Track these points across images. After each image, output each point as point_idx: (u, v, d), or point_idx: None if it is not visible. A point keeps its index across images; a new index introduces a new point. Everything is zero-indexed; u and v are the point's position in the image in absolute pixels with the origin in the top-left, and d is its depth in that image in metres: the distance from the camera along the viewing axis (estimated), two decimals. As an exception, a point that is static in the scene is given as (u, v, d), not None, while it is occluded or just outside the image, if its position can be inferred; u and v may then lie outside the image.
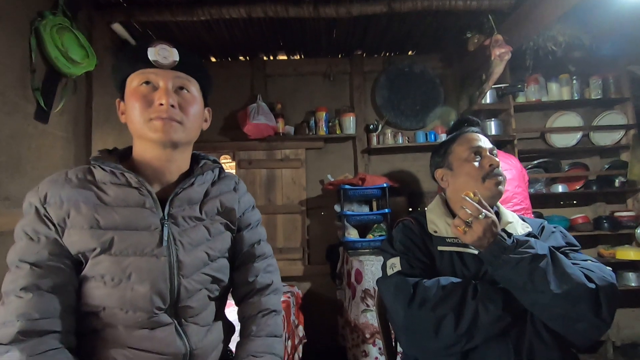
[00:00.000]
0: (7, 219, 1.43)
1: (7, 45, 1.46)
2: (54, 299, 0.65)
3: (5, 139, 1.44)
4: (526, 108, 2.73)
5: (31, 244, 0.67)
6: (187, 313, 0.74)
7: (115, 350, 0.68)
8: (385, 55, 2.94)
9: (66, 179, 0.71)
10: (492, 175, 0.94)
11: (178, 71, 0.74)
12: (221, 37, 2.49)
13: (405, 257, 0.94)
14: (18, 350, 0.60)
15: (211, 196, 0.82)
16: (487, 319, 0.79)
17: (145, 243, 0.70)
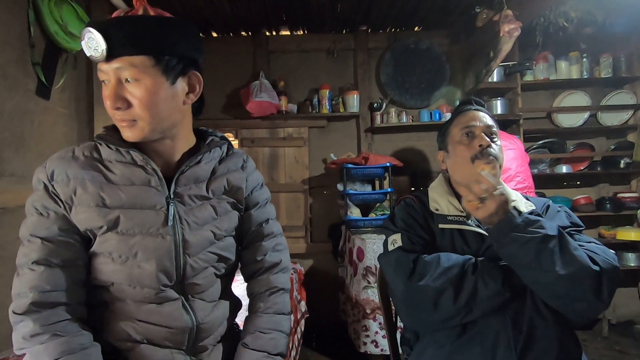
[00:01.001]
0: (13, 195, 1.45)
1: (5, 19, 1.43)
2: (64, 273, 0.67)
3: (7, 114, 1.43)
4: (534, 87, 2.68)
5: (41, 219, 0.68)
6: (193, 289, 0.75)
7: (125, 323, 0.71)
8: (390, 31, 2.86)
9: (73, 156, 0.71)
10: (481, 156, 0.93)
11: (118, 57, 0.64)
12: (222, 11, 2.43)
13: (406, 234, 0.95)
14: (31, 320, 0.63)
15: (218, 174, 0.81)
16: (485, 293, 0.80)
17: (150, 222, 0.70)
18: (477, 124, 0.97)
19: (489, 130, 0.97)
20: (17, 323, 0.64)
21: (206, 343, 0.78)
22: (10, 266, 1.39)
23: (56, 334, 0.63)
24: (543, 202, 1.00)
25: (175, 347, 0.74)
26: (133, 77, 0.65)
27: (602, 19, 2.25)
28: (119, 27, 0.63)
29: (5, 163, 1.42)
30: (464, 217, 0.95)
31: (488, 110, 1.05)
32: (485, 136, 0.95)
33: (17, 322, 0.64)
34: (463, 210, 0.95)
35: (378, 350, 1.97)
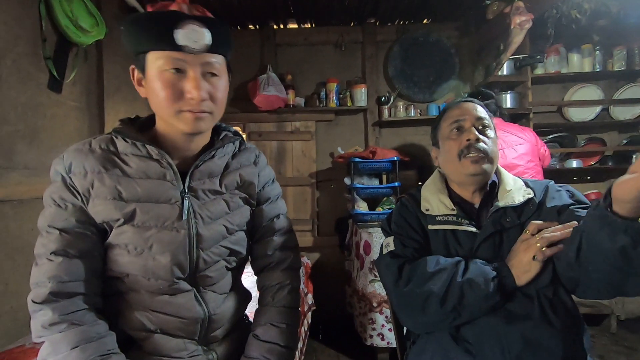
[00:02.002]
0: (27, 187, 1.48)
1: (17, 13, 1.45)
2: (81, 264, 0.68)
3: (21, 108, 1.46)
4: (544, 80, 2.64)
5: (59, 210, 0.69)
6: (205, 282, 0.77)
7: (139, 313, 0.72)
8: (399, 24, 2.83)
9: (90, 148, 0.72)
10: (468, 152, 0.89)
11: (207, 53, 0.68)
12: (230, 4, 2.42)
13: (399, 237, 0.94)
14: (50, 309, 0.64)
15: (231, 169, 0.82)
16: (473, 297, 0.79)
17: (166, 216, 0.71)
18: (466, 116, 0.93)
19: (480, 123, 0.93)
20: (36, 312, 0.65)
21: (217, 334, 0.80)
22: (25, 256, 1.44)
23: (74, 323, 0.65)
24: (544, 184, 0.95)
25: (188, 337, 0.75)
26: (217, 71, 0.70)
27: (616, 11, 2.19)
28: (214, 28, 0.67)
29: (19, 156, 1.45)
30: (454, 215, 0.92)
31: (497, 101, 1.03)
32: (475, 130, 0.91)
33: (36, 310, 0.65)
34: (454, 208, 0.93)
35: (384, 343, 1.99)
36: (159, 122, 0.76)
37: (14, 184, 1.40)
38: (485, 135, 0.92)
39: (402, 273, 0.86)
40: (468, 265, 0.83)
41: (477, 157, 0.89)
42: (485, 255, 0.86)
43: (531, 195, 0.90)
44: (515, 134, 1.86)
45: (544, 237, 0.78)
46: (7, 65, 1.39)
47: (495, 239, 0.87)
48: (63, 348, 0.63)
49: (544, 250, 0.77)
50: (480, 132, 0.92)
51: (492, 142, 0.92)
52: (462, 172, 0.91)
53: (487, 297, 0.79)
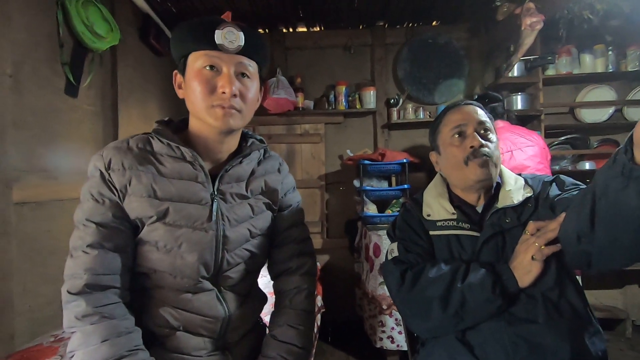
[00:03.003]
0: (44, 189, 1.51)
1: (36, 20, 1.49)
2: (115, 257, 0.70)
3: (39, 112, 1.50)
4: (556, 81, 2.61)
5: (97, 205, 0.71)
6: (226, 282, 0.79)
7: (164, 309, 0.74)
8: (408, 26, 2.83)
9: (128, 147, 0.74)
10: (473, 158, 0.88)
11: (241, 55, 0.73)
12: (241, 8, 2.45)
13: (402, 243, 0.94)
14: (84, 300, 0.66)
15: (257, 175, 0.85)
16: (474, 302, 0.78)
17: (196, 216, 0.74)
18: (468, 122, 0.91)
19: (482, 127, 0.91)
20: (69, 302, 0.67)
21: (235, 334, 0.81)
22: (42, 257, 1.47)
23: (105, 317, 0.66)
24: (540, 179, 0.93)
25: (208, 336, 0.77)
26: (248, 73, 0.75)
27: (629, 10, 2.16)
28: (249, 34, 0.73)
29: (37, 159, 1.49)
30: (454, 220, 0.91)
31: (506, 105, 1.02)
32: (477, 135, 0.89)
33: (69, 301, 0.67)
34: (455, 212, 0.92)
35: (394, 345, 1.98)
36: (193, 122, 0.79)
37: (32, 186, 1.44)
38: (488, 140, 0.90)
39: (404, 279, 0.86)
40: (469, 269, 0.82)
41: (483, 161, 0.87)
42: (488, 257, 0.85)
43: (530, 194, 0.89)
44: (524, 136, 1.84)
45: (541, 236, 0.77)
46: (26, 71, 1.43)
47: (498, 240, 0.86)
48: (94, 340, 0.64)
49: (543, 249, 0.77)
50: (482, 136, 0.90)
51: (494, 146, 0.90)
52: (469, 178, 0.90)
53: (489, 300, 0.78)
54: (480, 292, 0.78)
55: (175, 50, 0.76)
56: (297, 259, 0.90)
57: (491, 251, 0.86)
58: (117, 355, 0.64)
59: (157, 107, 2.51)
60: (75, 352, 0.64)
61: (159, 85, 2.52)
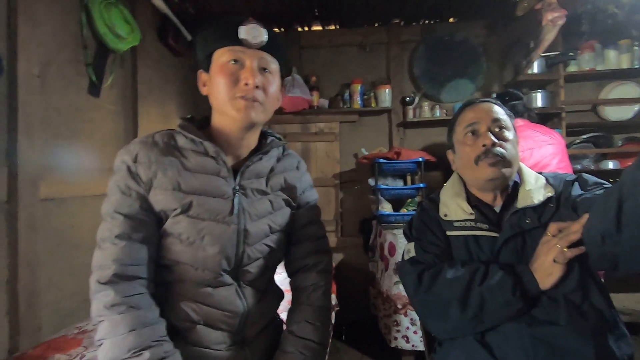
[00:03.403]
0: (68, 186, 1.56)
1: (62, 22, 1.54)
2: (142, 249, 0.72)
3: (64, 111, 1.55)
4: (578, 78, 2.54)
5: (124, 197, 0.73)
6: (245, 277, 0.80)
7: (185, 304, 0.76)
8: (424, 24, 2.80)
9: (154, 141, 0.76)
10: (485, 157, 0.86)
11: (263, 51, 0.76)
12: (257, 8, 2.48)
13: (419, 243, 0.92)
14: (113, 290, 0.68)
15: (276, 172, 0.86)
16: (494, 304, 0.77)
17: (219, 210, 0.75)
18: (482, 120, 0.89)
19: (497, 125, 0.88)
20: (98, 292, 0.69)
21: (253, 329, 0.83)
22: (67, 251, 1.52)
23: (133, 306, 0.68)
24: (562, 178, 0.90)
25: (227, 331, 0.78)
26: (269, 68, 0.78)
27: (657, 4, 2.09)
28: (271, 32, 0.76)
29: (62, 156, 1.54)
30: (472, 220, 0.89)
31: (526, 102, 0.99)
32: (491, 133, 0.87)
33: (98, 291, 0.69)
34: (473, 212, 0.90)
35: (409, 345, 1.97)
36: (216, 118, 0.81)
37: (57, 183, 1.49)
38: (503, 138, 0.88)
39: (422, 280, 0.85)
40: (488, 271, 0.81)
41: (494, 161, 0.85)
42: (507, 258, 0.83)
43: (552, 193, 0.86)
44: (544, 134, 1.80)
45: (563, 237, 0.75)
46: (52, 72, 1.48)
47: (517, 241, 0.84)
48: (121, 329, 0.66)
49: (565, 252, 0.74)
50: (497, 135, 0.88)
51: (510, 145, 0.88)
52: (479, 177, 0.89)
53: (509, 302, 0.76)
54: (500, 294, 0.77)
55: (201, 49, 0.78)
56: (314, 256, 0.91)
57: (510, 252, 0.84)
58: (143, 345, 0.66)
59: (175, 107, 2.56)
60: (104, 340, 0.66)
61: (177, 85, 2.57)
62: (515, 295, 0.76)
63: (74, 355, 1.13)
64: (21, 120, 1.30)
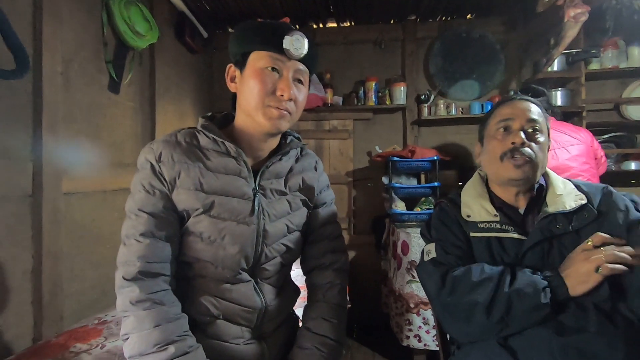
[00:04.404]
0: (90, 181, 1.61)
1: (83, 20, 1.57)
2: (165, 246, 0.74)
3: (85, 107, 1.59)
4: (600, 76, 2.46)
5: (148, 196, 0.75)
6: (263, 274, 0.82)
7: (205, 297, 0.78)
8: (441, 20, 2.76)
9: (176, 141, 0.78)
10: (511, 156, 0.85)
11: (301, 62, 0.77)
12: (272, 5, 2.48)
13: (440, 244, 0.91)
14: (137, 287, 0.69)
15: (294, 172, 0.87)
16: (521, 308, 0.75)
17: (239, 210, 0.77)
18: (516, 118, 0.87)
19: (531, 125, 0.87)
20: (123, 288, 0.71)
21: (271, 324, 0.84)
22: (88, 244, 1.57)
23: (157, 302, 0.70)
24: (600, 189, 0.88)
25: (246, 325, 0.80)
26: (303, 80, 0.79)
27: (686, -1, 2.01)
28: (310, 44, 0.77)
29: (83, 152, 1.58)
30: (497, 222, 0.88)
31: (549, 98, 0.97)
32: (523, 133, 0.86)
33: (123, 287, 0.71)
34: (497, 214, 0.89)
35: (421, 345, 1.97)
36: (241, 118, 0.81)
37: (79, 178, 1.53)
38: (534, 140, 0.87)
39: (445, 282, 0.84)
40: (515, 274, 0.79)
41: (520, 162, 0.84)
42: (532, 263, 0.82)
43: (584, 201, 0.85)
44: (569, 134, 1.75)
45: (614, 254, 0.72)
46: (74, 69, 1.52)
47: (544, 246, 0.83)
48: (147, 325, 0.68)
49: (610, 266, 0.72)
50: (529, 135, 0.87)
51: (539, 148, 0.87)
52: (502, 174, 0.88)
53: (537, 307, 0.75)
54: (528, 298, 0.75)
55: (237, 45, 0.78)
56: (330, 255, 0.91)
57: (536, 256, 0.82)
58: (168, 340, 0.67)
59: (191, 104, 2.59)
60: (130, 335, 0.68)
61: (192, 82, 2.60)
62: (543, 300, 0.75)
63: (94, 345, 1.17)
64: (45, 116, 1.34)
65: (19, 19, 1.26)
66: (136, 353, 0.67)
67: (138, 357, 0.67)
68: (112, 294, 0.75)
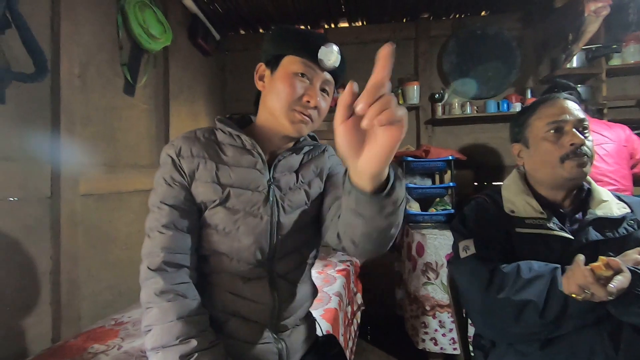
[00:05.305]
0: (106, 182, 1.63)
1: (100, 24, 1.59)
2: (187, 238, 0.75)
3: (101, 110, 1.61)
4: (622, 72, 2.38)
5: (169, 189, 0.76)
6: (279, 269, 0.81)
7: (221, 294, 0.78)
8: (454, 18, 2.72)
9: (195, 136, 0.80)
10: (573, 156, 0.83)
11: (329, 73, 0.78)
12: (284, 6, 2.48)
13: (480, 239, 0.88)
14: (161, 278, 0.70)
15: (305, 162, 0.87)
16: (577, 308, 0.72)
17: (253, 201, 0.77)
18: (568, 117, 0.86)
19: (581, 125, 0.86)
20: (148, 279, 0.71)
21: (286, 323, 0.83)
22: (104, 245, 1.58)
23: (180, 294, 0.70)
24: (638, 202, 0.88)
25: (262, 324, 0.79)
26: (329, 90, 0.80)
27: None
28: (342, 57, 0.79)
29: (100, 154, 1.60)
30: (544, 219, 0.86)
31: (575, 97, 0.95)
32: (578, 132, 0.84)
33: (148, 278, 0.71)
34: (543, 212, 0.87)
35: (437, 348, 1.93)
36: (264, 116, 0.82)
37: (95, 179, 1.55)
38: (587, 139, 0.86)
39: (493, 278, 0.81)
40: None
41: (583, 161, 0.84)
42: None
43: (627, 210, 0.84)
44: (600, 132, 1.66)
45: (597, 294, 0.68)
46: (91, 72, 1.54)
47: (591, 248, 0.80)
48: (170, 316, 0.68)
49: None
50: (581, 134, 0.86)
51: (592, 146, 0.87)
52: (562, 176, 0.86)
53: (593, 308, 0.72)
54: None
55: (272, 46, 0.79)
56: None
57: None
58: (191, 334, 0.67)
59: (204, 105, 2.60)
60: (153, 326, 0.68)
61: (205, 84, 2.62)
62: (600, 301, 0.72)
63: (111, 346, 1.17)
64: (63, 119, 1.36)
65: (38, 23, 1.28)
66: (159, 345, 0.67)
67: (160, 349, 0.67)
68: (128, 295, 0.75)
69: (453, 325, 1.87)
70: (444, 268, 1.93)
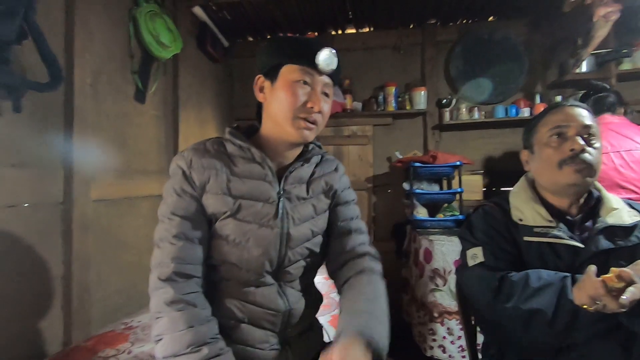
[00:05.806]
0: (116, 188, 1.65)
1: (112, 32, 1.63)
2: (196, 249, 0.76)
3: (113, 117, 1.64)
4: (633, 76, 2.36)
5: (180, 200, 0.77)
6: (286, 277, 0.82)
7: (230, 301, 0.79)
8: (461, 23, 2.72)
9: (205, 148, 0.81)
10: (571, 162, 0.83)
11: (328, 77, 0.80)
12: (291, 13, 2.50)
13: (488, 247, 0.88)
14: (171, 288, 0.71)
15: (316, 176, 0.88)
16: (588, 318, 0.71)
17: (264, 213, 0.78)
18: (571, 123, 0.86)
19: (586, 131, 0.85)
20: (157, 289, 0.72)
21: (294, 329, 0.84)
22: (114, 250, 1.60)
23: (190, 304, 0.71)
24: None
25: (271, 330, 0.80)
26: (329, 93, 0.82)
27: None
28: (338, 60, 0.80)
29: (111, 160, 1.63)
30: (552, 227, 0.85)
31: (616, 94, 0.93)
32: (580, 138, 0.84)
33: (157, 288, 0.72)
34: (552, 220, 0.86)
35: (445, 355, 1.91)
36: (268, 126, 0.83)
37: (106, 185, 1.57)
38: (591, 146, 0.85)
39: (502, 287, 0.81)
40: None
41: (581, 167, 0.83)
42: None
43: (638, 218, 0.83)
44: (632, 138, 1.54)
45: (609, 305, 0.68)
46: (103, 80, 1.57)
47: (601, 257, 0.80)
48: (181, 326, 0.69)
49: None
50: (585, 141, 0.85)
51: (597, 153, 0.85)
52: (560, 181, 0.85)
53: (604, 317, 0.70)
54: None
55: (269, 57, 0.80)
56: (357, 248, 0.87)
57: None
58: (200, 342, 0.68)
59: (212, 112, 2.63)
60: (163, 336, 0.69)
61: (213, 90, 2.65)
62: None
63: (122, 350, 1.19)
64: (76, 126, 1.39)
65: (53, 34, 1.32)
66: (170, 354, 0.67)
67: (172, 357, 0.67)
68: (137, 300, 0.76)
69: (461, 333, 1.86)
70: (451, 274, 1.91)
